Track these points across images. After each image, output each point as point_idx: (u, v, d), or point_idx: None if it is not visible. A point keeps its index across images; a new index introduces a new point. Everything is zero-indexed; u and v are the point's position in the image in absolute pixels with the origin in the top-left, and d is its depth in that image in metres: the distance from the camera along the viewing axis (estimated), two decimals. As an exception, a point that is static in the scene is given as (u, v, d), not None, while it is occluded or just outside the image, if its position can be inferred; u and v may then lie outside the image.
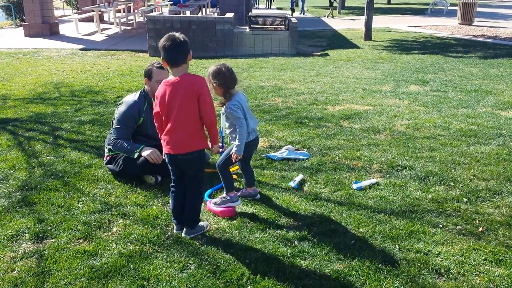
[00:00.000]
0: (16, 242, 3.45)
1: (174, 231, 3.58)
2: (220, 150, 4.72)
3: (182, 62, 3.24)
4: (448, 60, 11.42)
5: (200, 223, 3.62)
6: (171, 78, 3.27)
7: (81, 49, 12.98)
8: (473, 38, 15.76)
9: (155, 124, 3.47)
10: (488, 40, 15.22)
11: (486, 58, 11.62)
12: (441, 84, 8.62)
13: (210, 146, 3.54)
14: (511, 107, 7.04)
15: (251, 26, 12.93)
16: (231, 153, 3.74)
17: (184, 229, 3.55)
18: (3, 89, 8.21)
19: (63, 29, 16.62)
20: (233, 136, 3.74)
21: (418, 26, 19.41)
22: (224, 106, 3.74)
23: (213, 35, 12.52)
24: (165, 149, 3.39)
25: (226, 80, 3.61)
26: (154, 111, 3.43)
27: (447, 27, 19.13)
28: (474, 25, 19.42)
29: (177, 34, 3.23)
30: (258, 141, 4.01)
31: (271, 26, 13.13)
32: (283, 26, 13.02)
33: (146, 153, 4.24)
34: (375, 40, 15.13)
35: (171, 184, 3.56)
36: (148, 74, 4.38)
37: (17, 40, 14.58)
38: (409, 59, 11.51)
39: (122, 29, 16.58)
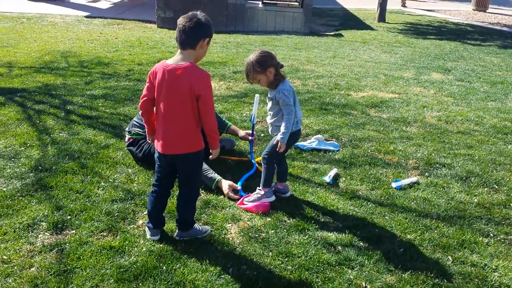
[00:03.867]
0: (33, 232, 3.15)
1: (148, 237, 3.13)
2: (250, 138, 4.42)
3: (188, 46, 2.78)
4: (467, 47, 11.06)
5: (199, 227, 3.22)
6: (171, 61, 2.81)
7: (86, 17, 12.44)
8: (489, 25, 15.35)
9: (140, 109, 3.04)
10: (504, 28, 14.82)
11: (506, 48, 11.27)
12: (464, 74, 8.30)
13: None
14: (541, 102, 6.75)
15: (264, 1, 12.45)
16: (273, 142, 3.44)
17: (177, 231, 3.17)
18: (7, 56, 7.77)
19: (66, -7, 15.99)
20: (277, 125, 3.43)
21: (431, 10, 18.91)
22: (274, 90, 3.41)
23: (224, 8, 12.03)
24: (157, 145, 2.96)
25: (274, 60, 3.36)
26: (142, 94, 2.96)
27: (461, 12, 18.67)
28: (488, 12, 18.96)
29: (198, 14, 2.79)
30: (300, 132, 3.75)
31: (285, 3, 12.64)
32: (297, 3, 12.54)
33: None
34: (389, 22, 14.69)
35: (154, 182, 3.11)
36: None
37: (20, 3, 13.96)
38: (426, 44, 11.14)
39: (127, -3, 16.01)
